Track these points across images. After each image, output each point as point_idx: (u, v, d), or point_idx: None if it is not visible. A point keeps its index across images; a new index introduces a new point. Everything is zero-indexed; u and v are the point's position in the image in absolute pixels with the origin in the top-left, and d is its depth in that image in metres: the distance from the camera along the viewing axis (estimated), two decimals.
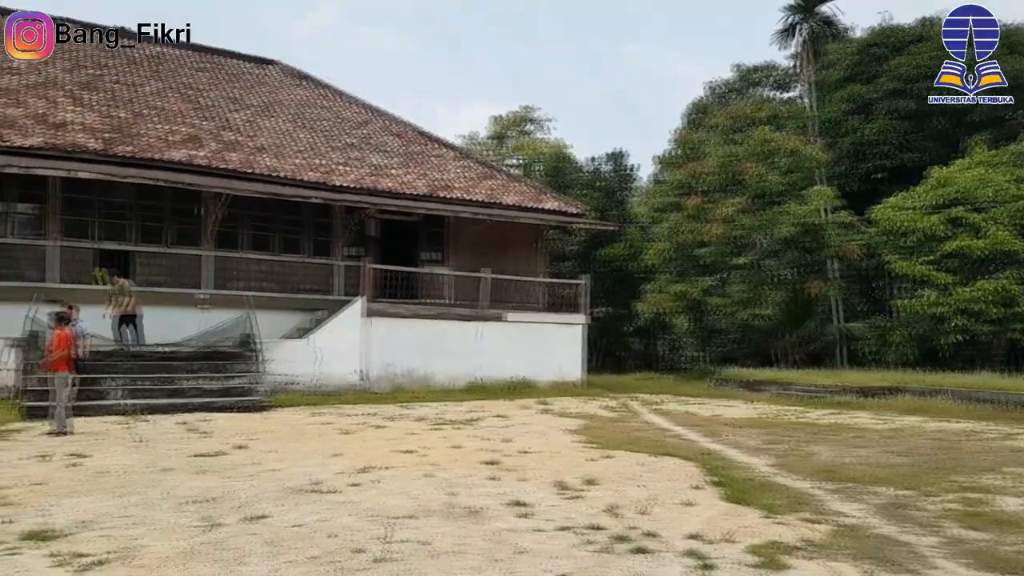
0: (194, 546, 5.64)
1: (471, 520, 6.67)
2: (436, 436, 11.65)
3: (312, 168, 18.79)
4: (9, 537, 5.69)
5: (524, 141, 44.40)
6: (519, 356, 19.41)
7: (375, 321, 17.74)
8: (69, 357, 11.27)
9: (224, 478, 8.19)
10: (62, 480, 7.88)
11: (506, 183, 22.42)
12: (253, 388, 14.95)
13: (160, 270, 17.33)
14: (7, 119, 16.03)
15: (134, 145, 16.72)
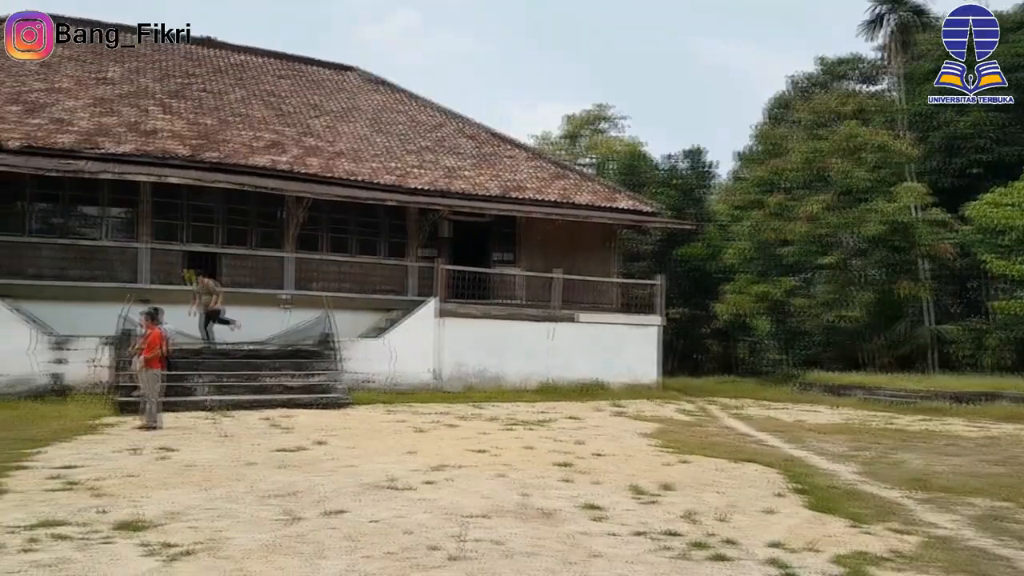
0: (276, 539, 5.80)
1: (544, 521, 6.64)
2: (508, 436, 11.66)
3: (388, 171, 19.14)
4: (103, 527, 5.97)
5: (598, 140, 44.16)
6: (592, 357, 19.26)
7: (447, 321, 17.92)
8: (162, 355, 11.72)
9: (305, 473, 8.39)
10: (152, 473, 8.23)
11: (579, 182, 22.31)
12: (332, 386, 15.30)
13: (245, 272, 17.96)
14: (102, 127, 16.90)
15: (220, 151, 17.39)
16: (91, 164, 15.37)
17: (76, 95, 17.93)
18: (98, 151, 15.94)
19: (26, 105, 16.87)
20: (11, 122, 16.03)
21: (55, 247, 16.31)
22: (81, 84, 18.50)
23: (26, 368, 14.08)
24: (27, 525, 5.91)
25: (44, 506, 6.57)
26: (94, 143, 16.12)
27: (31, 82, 17.93)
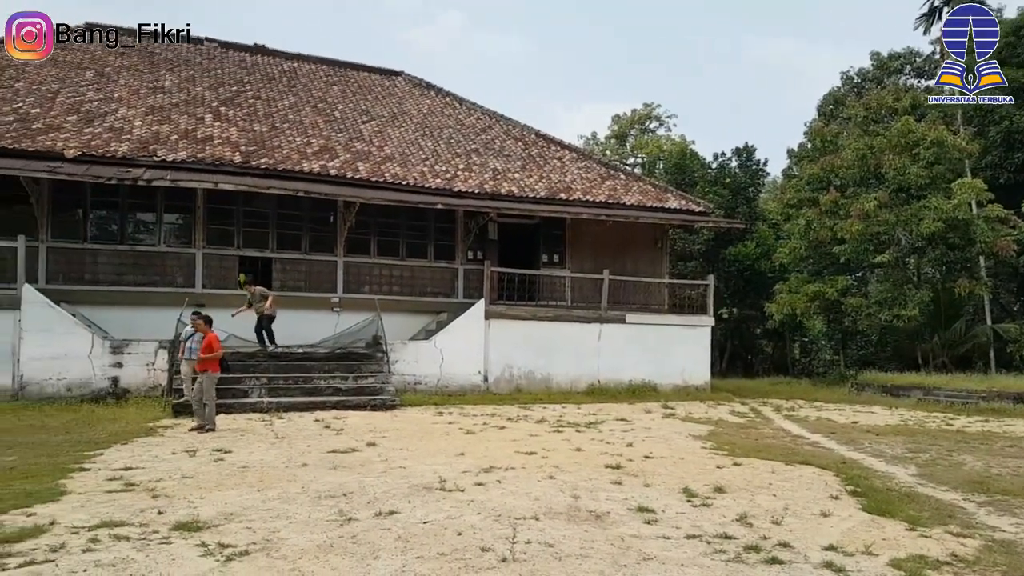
0: (330, 539, 5.86)
1: (595, 524, 6.58)
2: (558, 438, 11.61)
3: (436, 175, 19.27)
4: (162, 527, 6.11)
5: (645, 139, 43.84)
6: (641, 359, 19.08)
7: (496, 323, 17.94)
8: (219, 359, 11.96)
9: (356, 474, 8.48)
10: (208, 474, 8.40)
11: (627, 183, 22.14)
12: (383, 387, 15.45)
13: (297, 276, 18.28)
14: (157, 136, 17.37)
15: (273, 157, 17.72)
16: (147, 172, 15.79)
17: (131, 104, 18.47)
18: (153, 159, 16.37)
19: (83, 115, 17.44)
20: (69, 131, 16.57)
21: (112, 253, 16.83)
22: (136, 93, 19.06)
23: (86, 372, 14.55)
24: (89, 526, 6.08)
25: (104, 507, 6.75)
26: (150, 151, 16.57)
27: (88, 92, 18.53)
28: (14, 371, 14.23)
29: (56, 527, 6.02)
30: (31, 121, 16.57)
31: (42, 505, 6.74)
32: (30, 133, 16.11)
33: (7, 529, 5.93)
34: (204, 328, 12.10)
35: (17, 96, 17.48)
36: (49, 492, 7.26)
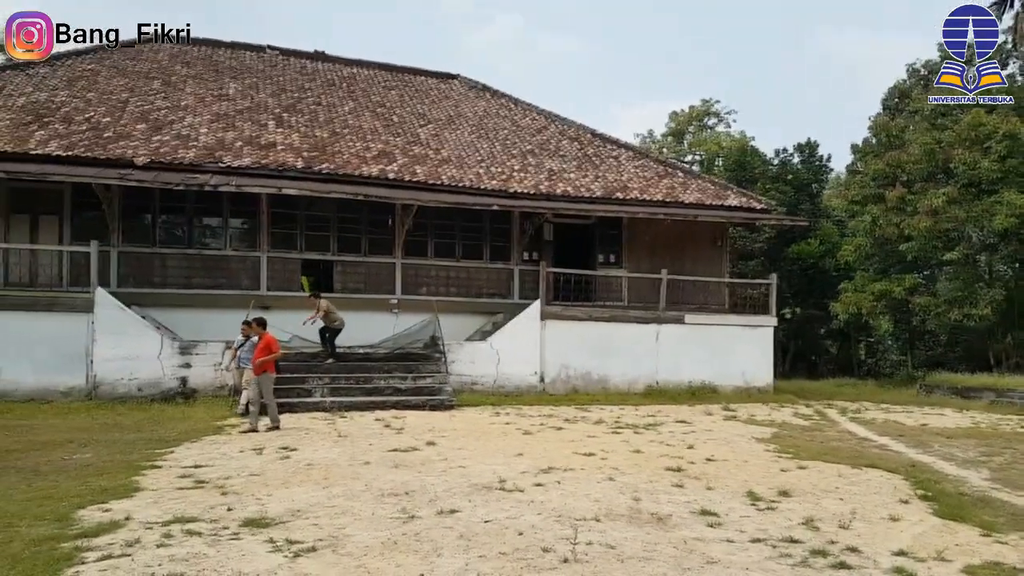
0: (394, 536, 5.94)
1: (657, 526, 6.51)
2: (616, 440, 11.52)
3: (491, 176, 19.35)
4: (231, 523, 6.28)
5: (704, 136, 43.20)
6: (700, 360, 18.78)
7: (551, 324, 17.90)
8: (276, 359, 12.17)
9: (417, 473, 8.57)
10: (275, 471, 8.61)
11: (685, 181, 21.85)
12: (440, 388, 15.59)
13: (357, 278, 18.59)
14: (222, 143, 17.89)
15: (333, 162, 18.06)
16: (213, 178, 16.26)
17: (197, 112, 19.06)
18: (219, 165, 16.85)
19: (151, 123, 18.06)
20: (139, 139, 17.19)
21: (181, 257, 17.38)
22: (202, 101, 19.66)
23: (155, 372, 15.05)
24: (162, 521, 6.29)
25: (176, 503, 6.98)
26: (215, 157, 17.07)
27: (156, 100, 19.19)
28: (88, 371, 14.81)
29: (131, 522, 6.24)
30: (103, 130, 17.25)
31: (117, 501, 7.00)
32: (102, 141, 16.77)
33: (85, 524, 6.18)
34: (259, 331, 12.30)
35: (89, 105, 18.22)
36: (124, 488, 7.54)
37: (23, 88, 18.44)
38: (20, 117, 17.07)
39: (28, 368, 14.38)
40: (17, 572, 4.92)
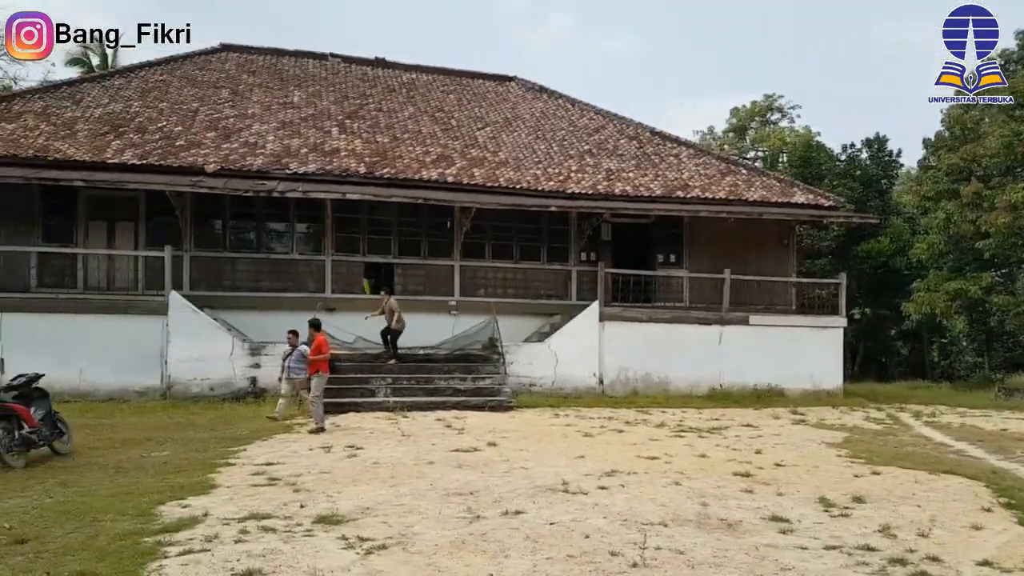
0: (461, 536, 5.99)
1: (727, 532, 6.41)
2: (680, 443, 11.37)
3: (549, 177, 19.34)
4: (305, 520, 6.44)
5: (767, 132, 42.29)
6: (766, 362, 18.35)
7: (610, 325, 17.77)
8: (328, 359, 12.33)
9: (480, 473, 8.63)
10: (343, 469, 8.78)
11: (749, 178, 21.43)
12: (499, 389, 15.65)
13: (417, 280, 18.82)
14: (288, 149, 18.34)
15: (394, 167, 18.34)
16: (280, 184, 16.70)
17: (264, 120, 19.59)
18: (286, 171, 17.31)
19: (221, 131, 18.65)
20: (209, 147, 17.77)
21: (250, 261, 17.88)
22: (268, 109, 20.19)
23: (227, 372, 15.51)
24: (238, 517, 6.48)
25: (251, 500, 7.18)
26: (282, 164, 17.52)
27: (224, 109, 19.80)
28: (163, 372, 15.37)
29: (209, 518, 6.45)
30: (175, 138, 17.89)
31: (195, 497, 7.25)
32: (174, 150, 17.40)
33: (166, 519, 6.41)
34: (312, 332, 12.47)
35: (161, 115, 18.91)
36: (200, 485, 7.80)
37: (100, 99, 19.25)
38: (97, 127, 17.84)
39: (107, 369, 15.00)
40: (105, 565, 5.14)
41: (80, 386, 14.61)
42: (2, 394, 9.19)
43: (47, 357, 13.69)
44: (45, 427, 9.30)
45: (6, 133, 16.93)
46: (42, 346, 14.41)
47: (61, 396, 12.14)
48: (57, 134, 17.25)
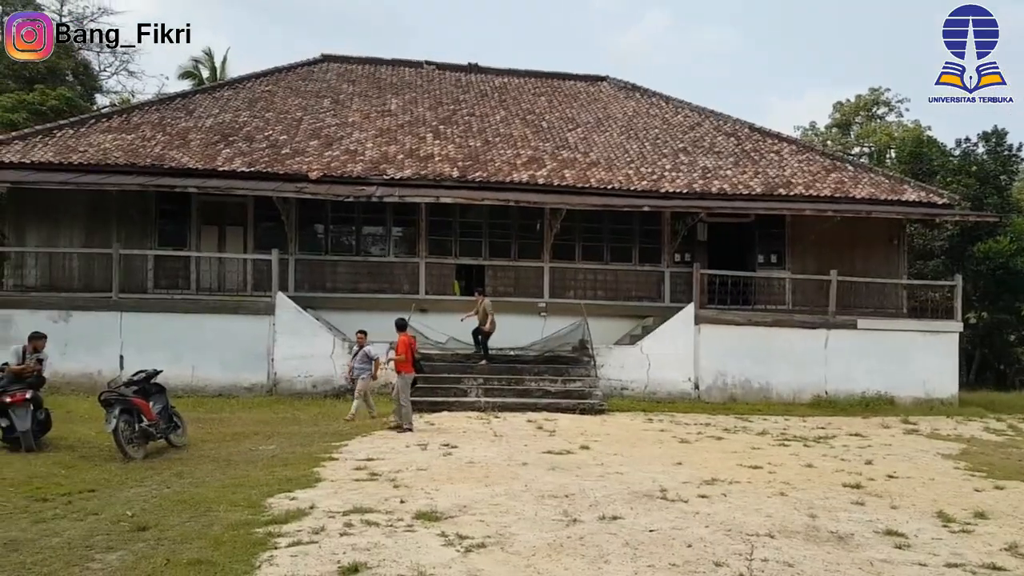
0: (558, 539, 5.94)
1: (838, 546, 6.11)
2: (784, 453, 10.95)
3: (642, 177, 19.06)
4: (405, 516, 6.55)
5: (873, 127, 40.37)
6: (874, 368, 17.44)
7: (706, 328, 17.31)
8: (412, 360, 12.37)
9: (574, 476, 8.56)
10: (439, 467, 8.90)
11: (855, 175, 20.47)
12: (590, 391, 15.51)
13: (507, 282, 18.92)
14: (386, 156, 18.81)
15: (486, 170, 18.52)
16: (378, 189, 17.17)
17: (363, 127, 20.16)
18: (383, 177, 17.79)
19: (323, 139, 19.31)
20: (312, 155, 18.44)
21: (349, 264, 18.47)
22: (367, 117, 20.77)
23: (328, 370, 16.01)
24: (343, 511, 6.65)
25: (354, 494, 7.36)
26: (380, 170, 18.01)
27: (326, 118, 20.50)
28: (269, 369, 16.02)
29: (315, 511, 6.65)
30: (280, 147, 18.64)
31: (302, 490, 7.49)
32: (280, 157, 18.13)
33: (275, 511, 6.65)
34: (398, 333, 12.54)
35: (268, 125, 19.75)
36: (306, 479, 8.07)
37: (210, 110, 20.27)
38: (208, 137, 18.79)
39: (217, 365, 15.77)
40: (220, 554, 5.36)
41: (192, 382, 15.40)
42: (123, 389, 9.73)
43: (162, 354, 14.48)
44: (162, 421, 9.82)
45: (126, 143, 18.07)
46: (158, 344, 15.27)
47: (175, 391, 12.77)
48: (172, 143, 18.28)
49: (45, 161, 17.03)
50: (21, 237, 17.64)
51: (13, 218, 17.83)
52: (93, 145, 17.85)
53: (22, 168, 16.80)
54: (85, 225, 17.78)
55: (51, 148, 17.58)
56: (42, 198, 17.21)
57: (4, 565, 5.10)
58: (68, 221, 17.73)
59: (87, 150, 17.60)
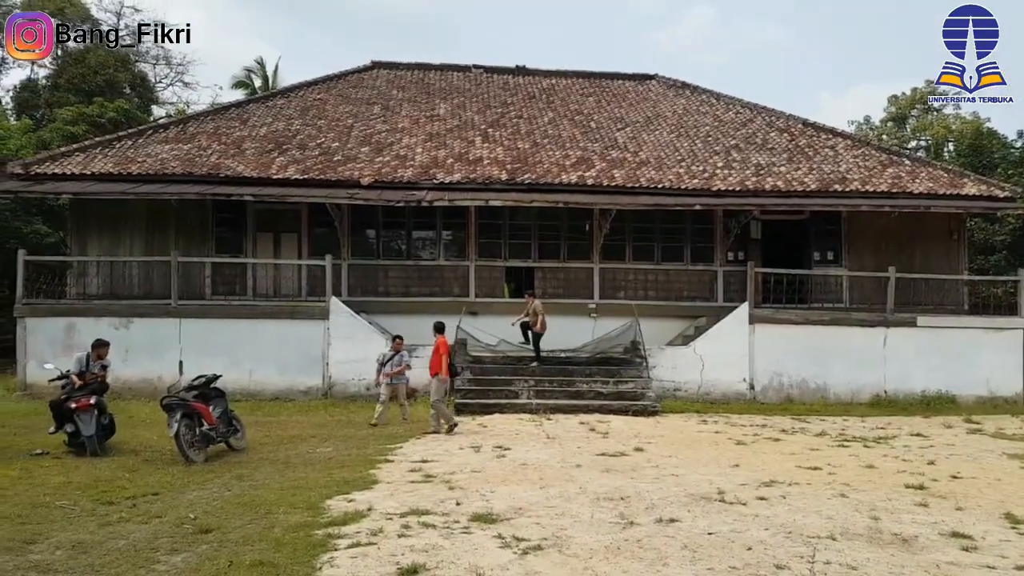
0: (616, 541, 5.91)
1: (903, 548, 5.95)
2: (843, 454, 10.70)
3: (693, 175, 18.85)
4: (461, 518, 6.59)
5: (929, 120, 39.16)
6: (935, 367, 16.93)
7: (761, 328, 17.02)
8: (447, 364, 12.44)
9: (629, 478, 8.51)
10: (493, 469, 8.95)
11: (913, 169, 19.91)
12: (643, 393, 15.40)
13: (556, 283, 18.93)
14: (436, 160, 18.98)
15: (535, 172, 18.54)
16: (428, 194, 17.36)
17: (413, 133, 20.38)
18: (433, 181, 17.96)
19: (374, 145, 19.58)
20: (363, 161, 18.71)
21: (400, 268, 18.70)
22: (416, 123, 21.00)
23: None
24: (399, 513, 6.74)
25: (410, 496, 7.45)
26: (429, 175, 18.18)
27: (376, 124, 20.79)
28: (324, 373, 16.31)
29: (373, 513, 6.75)
30: (332, 154, 18.97)
31: (359, 492, 7.61)
32: (332, 164, 18.45)
33: (333, 513, 6.76)
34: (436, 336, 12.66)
35: (320, 132, 20.11)
36: (363, 481, 8.19)
37: (264, 119, 20.74)
38: (263, 145, 19.23)
39: (273, 370, 16.13)
40: (281, 556, 5.48)
41: (249, 386, 15.77)
42: (184, 393, 9.97)
43: (220, 359, 14.84)
44: (222, 424, 10.05)
45: (182, 153, 18.61)
46: (216, 349, 15.67)
47: (233, 395, 13.06)
48: (227, 152, 18.76)
49: (105, 172, 17.62)
50: (83, 246, 18.30)
51: (75, 228, 18.54)
52: (151, 155, 18.43)
53: (83, 179, 17.42)
54: (145, 234, 18.36)
55: (111, 159, 18.19)
56: (103, 208, 17.88)
57: (73, 567, 5.25)
58: (128, 230, 18.33)
59: (145, 160, 18.18)
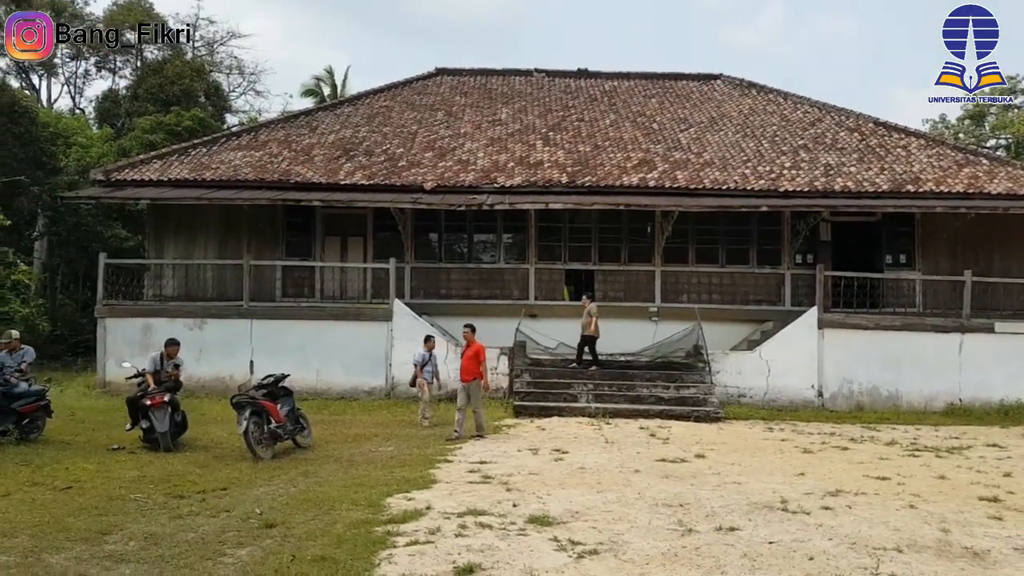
0: (673, 548, 5.87)
1: (973, 562, 5.74)
2: (914, 463, 10.34)
3: (759, 176, 18.48)
4: (518, 519, 6.65)
5: (1010, 117, 37.40)
6: (1014, 374, 16.14)
7: (830, 333, 16.55)
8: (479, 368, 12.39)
9: (689, 485, 8.42)
10: (551, 472, 8.98)
11: (991, 169, 19.06)
12: (705, 398, 15.16)
13: (617, 286, 18.81)
14: (497, 164, 19.12)
15: (595, 175, 18.49)
16: (489, 197, 17.50)
17: (475, 138, 20.59)
18: (494, 185, 18.11)
19: (437, 150, 19.87)
20: (427, 166, 19.00)
21: (461, 271, 18.91)
22: (478, 128, 21.20)
23: (442, 375, 16.37)
24: (457, 512, 6.84)
25: (468, 496, 7.55)
26: (491, 179, 18.34)
27: (440, 130, 21.08)
28: (387, 373, 16.62)
29: (431, 512, 6.87)
30: (397, 159, 19.32)
31: (418, 491, 7.75)
32: (396, 170, 18.80)
33: (393, 511, 6.91)
34: (470, 337, 12.70)
35: (385, 139, 20.52)
36: (422, 480, 8.34)
37: (332, 126, 21.27)
38: (331, 152, 19.72)
39: (339, 370, 16.51)
40: (342, 551, 5.64)
41: (316, 385, 16.17)
42: (253, 392, 10.34)
43: (289, 359, 15.25)
44: (289, 422, 10.37)
45: (254, 160, 19.24)
46: (285, 349, 16.13)
47: (300, 394, 13.38)
48: (297, 159, 19.31)
49: (181, 178, 18.33)
50: (160, 250, 19.08)
51: (153, 232, 19.37)
52: (224, 162, 19.12)
53: (160, 185, 18.19)
54: (218, 238, 19.05)
55: (186, 166, 18.94)
56: (179, 213, 18.66)
57: (145, 558, 5.52)
58: (203, 234, 19.05)
59: (219, 167, 18.86)
